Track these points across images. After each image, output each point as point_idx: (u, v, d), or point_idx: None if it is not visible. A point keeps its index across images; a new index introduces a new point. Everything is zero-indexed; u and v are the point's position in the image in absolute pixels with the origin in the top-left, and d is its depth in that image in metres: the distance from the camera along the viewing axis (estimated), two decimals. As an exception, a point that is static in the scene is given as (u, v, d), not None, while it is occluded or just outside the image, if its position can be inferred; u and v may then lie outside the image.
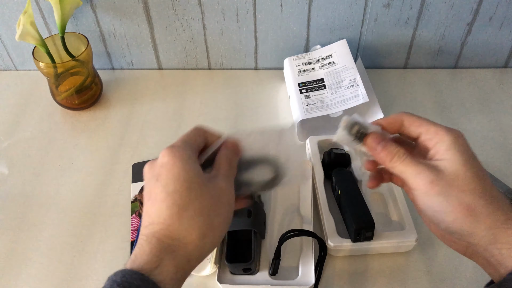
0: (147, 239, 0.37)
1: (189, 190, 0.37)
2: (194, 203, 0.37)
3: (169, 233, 0.36)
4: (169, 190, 0.37)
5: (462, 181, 0.38)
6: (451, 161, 0.38)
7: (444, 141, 0.39)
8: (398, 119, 0.43)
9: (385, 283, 0.55)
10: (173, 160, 0.38)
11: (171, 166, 0.38)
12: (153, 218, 0.38)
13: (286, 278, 0.54)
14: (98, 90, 0.79)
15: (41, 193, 0.66)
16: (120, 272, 0.35)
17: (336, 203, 0.60)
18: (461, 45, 0.80)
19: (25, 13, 0.68)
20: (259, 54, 0.83)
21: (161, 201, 0.37)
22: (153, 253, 0.36)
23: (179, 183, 0.37)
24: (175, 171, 0.38)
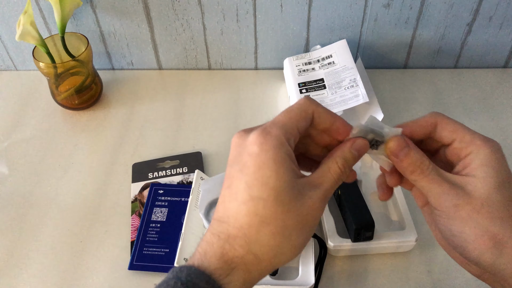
0: (220, 241, 0.33)
1: (276, 202, 0.32)
2: (278, 219, 0.32)
3: (245, 244, 0.32)
4: (254, 194, 0.32)
5: (492, 208, 0.33)
6: (483, 181, 0.34)
7: (479, 153, 0.35)
8: (430, 121, 0.37)
9: (385, 283, 0.55)
10: (265, 157, 0.32)
11: (261, 163, 0.32)
12: (229, 217, 0.33)
13: (286, 278, 0.54)
14: (98, 90, 0.79)
15: (41, 193, 0.66)
16: (186, 268, 0.32)
17: (336, 203, 0.60)
18: (461, 45, 0.80)
19: (25, 13, 0.68)
20: (259, 54, 0.83)
21: (242, 202, 0.32)
22: (223, 259, 0.33)
23: (267, 190, 0.32)
24: (265, 172, 0.32)
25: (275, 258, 0.33)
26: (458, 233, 0.34)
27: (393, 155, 0.36)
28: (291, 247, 0.33)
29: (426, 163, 0.35)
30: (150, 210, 0.63)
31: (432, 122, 0.37)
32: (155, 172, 0.68)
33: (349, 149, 0.35)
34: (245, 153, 0.33)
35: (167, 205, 0.63)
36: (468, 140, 0.35)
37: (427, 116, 0.37)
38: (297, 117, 0.34)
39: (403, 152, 0.36)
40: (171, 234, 0.60)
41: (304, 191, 0.33)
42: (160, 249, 0.58)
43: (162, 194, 0.64)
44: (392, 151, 0.36)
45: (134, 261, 0.57)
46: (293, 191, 0.32)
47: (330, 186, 0.34)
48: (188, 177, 0.67)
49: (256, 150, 0.32)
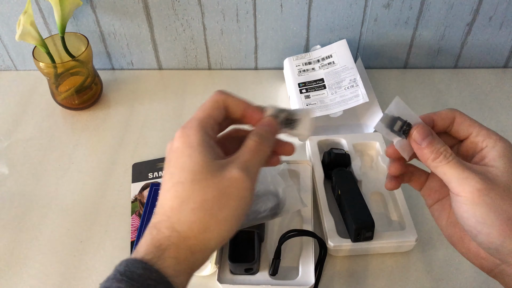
0: (149, 229, 0.36)
1: (193, 182, 0.35)
2: (196, 196, 0.35)
3: (170, 224, 0.35)
4: (174, 180, 0.35)
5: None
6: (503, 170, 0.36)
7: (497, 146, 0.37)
8: (449, 115, 0.40)
9: (385, 283, 0.55)
10: (182, 147, 0.36)
11: (180, 153, 0.36)
12: (158, 208, 0.36)
13: (286, 278, 0.54)
14: (98, 90, 0.79)
15: (41, 193, 0.66)
16: (124, 261, 0.34)
17: (336, 203, 0.60)
18: (461, 45, 0.80)
19: (25, 13, 0.68)
20: (259, 54, 0.83)
21: (166, 190, 0.36)
22: (153, 243, 0.35)
23: (184, 173, 0.35)
24: (182, 160, 0.36)
25: (200, 234, 0.35)
26: (482, 219, 0.35)
27: (417, 142, 0.38)
28: (215, 221, 0.35)
29: (448, 150, 0.37)
30: (150, 210, 0.62)
31: (451, 116, 0.39)
32: (155, 172, 0.68)
33: (259, 126, 0.39)
34: (171, 152, 0.37)
35: (167, 205, 0.63)
36: (485, 134, 0.38)
37: (445, 111, 0.40)
38: (209, 108, 0.38)
39: (427, 139, 0.38)
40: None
41: (222, 168, 0.36)
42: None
43: (162, 194, 0.64)
44: (416, 139, 0.38)
45: (134, 261, 0.57)
46: (209, 169, 0.35)
47: (248, 157, 0.37)
48: (188, 177, 0.67)
49: (176, 144, 0.36)
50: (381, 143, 0.65)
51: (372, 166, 0.65)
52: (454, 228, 0.41)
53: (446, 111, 0.40)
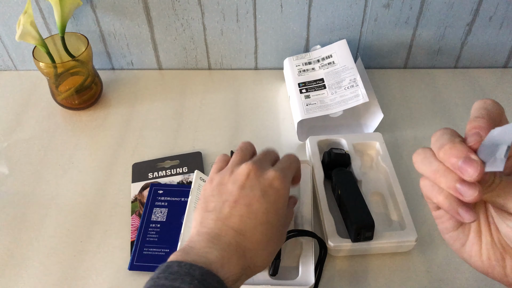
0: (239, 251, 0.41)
1: (278, 227, 0.44)
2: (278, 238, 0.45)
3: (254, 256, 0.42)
4: (270, 219, 0.43)
5: None
6: None
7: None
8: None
9: (385, 283, 0.55)
10: (282, 192, 0.44)
11: (279, 196, 0.44)
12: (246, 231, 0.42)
13: (286, 278, 0.54)
14: (98, 90, 0.79)
15: (41, 193, 0.66)
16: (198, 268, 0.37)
17: (336, 203, 0.60)
18: (461, 45, 0.80)
19: (25, 13, 0.68)
20: (259, 54, 0.83)
21: (260, 223, 0.42)
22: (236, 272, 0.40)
23: (277, 218, 0.44)
24: (280, 204, 0.44)
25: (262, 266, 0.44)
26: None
27: None
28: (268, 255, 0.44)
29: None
30: (150, 210, 0.63)
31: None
32: (155, 172, 0.68)
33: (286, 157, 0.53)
34: (266, 184, 0.44)
35: (167, 205, 0.63)
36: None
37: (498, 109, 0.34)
38: (294, 169, 0.49)
39: None
40: (171, 234, 0.60)
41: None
42: (160, 249, 0.58)
43: (161, 194, 0.64)
44: None
45: (135, 262, 0.57)
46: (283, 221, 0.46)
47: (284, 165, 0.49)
48: (188, 177, 0.67)
49: (278, 185, 0.44)
50: (381, 143, 0.65)
51: (372, 166, 0.65)
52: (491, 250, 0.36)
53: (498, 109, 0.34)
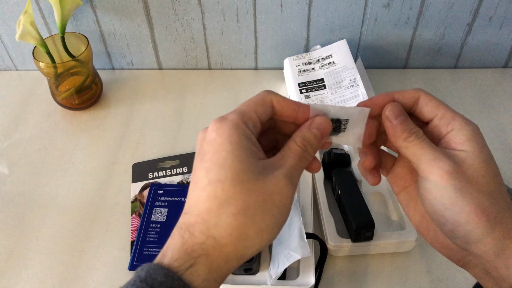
0: (181, 231, 0.32)
1: (234, 182, 0.31)
2: (238, 199, 0.31)
3: (205, 229, 0.31)
4: (212, 178, 0.31)
5: (482, 180, 0.33)
6: (472, 154, 0.33)
7: (464, 130, 0.34)
8: (414, 95, 0.36)
9: (385, 283, 0.55)
10: (221, 140, 0.32)
11: (217, 146, 0.32)
12: (190, 206, 0.33)
13: (286, 278, 0.54)
14: (98, 90, 0.79)
15: (41, 193, 0.66)
16: (146, 266, 0.32)
17: (336, 203, 0.60)
18: (461, 45, 0.80)
19: (25, 13, 0.68)
20: (259, 54, 0.83)
21: (201, 188, 0.32)
22: (184, 249, 0.32)
23: (224, 171, 0.31)
24: (221, 154, 0.31)
25: (239, 242, 0.31)
26: (450, 205, 0.33)
27: (389, 120, 0.36)
28: (257, 229, 0.31)
29: (420, 131, 0.35)
30: (150, 210, 0.63)
31: (415, 96, 0.36)
32: (155, 172, 0.68)
33: (308, 128, 0.35)
34: (205, 142, 0.33)
35: (166, 205, 0.63)
36: (450, 116, 0.35)
37: (410, 90, 0.37)
38: (254, 104, 0.35)
39: (400, 118, 0.36)
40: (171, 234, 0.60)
41: (266, 171, 0.32)
42: (160, 250, 0.58)
43: (161, 194, 0.64)
44: (389, 117, 0.36)
45: (135, 262, 0.57)
46: (253, 170, 0.32)
47: (293, 164, 0.33)
48: (188, 177, 0.67)
49: (213, 135, 0.32)
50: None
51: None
52: (421, 217, 0.39)
53: (411, 90, 0.37)
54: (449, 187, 0.33)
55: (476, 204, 0.32)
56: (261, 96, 0.35)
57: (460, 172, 0.33)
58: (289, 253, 0.51)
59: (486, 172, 0.33)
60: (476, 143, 0.34)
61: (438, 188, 0.33)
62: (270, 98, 0.35)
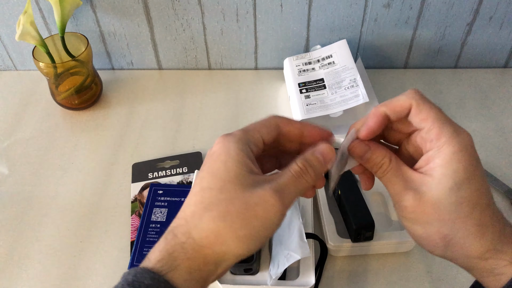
0: (166, 234, 0.34)
1: (221, 190, 0.33)
2: (220, 205, 0.32)
3: (187, 229, 0.33)
4: (203, 185, 0.34)
5: (444, 210, 0.34)
6: (439, 182, 0.34)
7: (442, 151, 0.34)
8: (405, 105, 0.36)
9: (385, 283, 0.55)
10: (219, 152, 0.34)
11: (216, 157, 0.34)
12: (180, 211, 0.35)
13: (286, 278, 0.54)
14: (98, 90, 0.79)
15: (41, 193, 0.66)
16: (133, 270, 0.33)
17: (336, 203, 0.60)
18: (461, 45, 0.80)
19: (25, 13, 0.68)
20: (259, 54, 0.83)
21: (193, 194, 0.34)
22: (166, 249, 0.33)
23: (215, 180, 0.33)
24: (216, 165, 0.34)
25: (216, 246, 0.32)
26: (415, 236, 0.37)
27: (358, 158, 0.38)
28: (234, 236, 0.32)
29: (386, 163, 0.37)
30: (150, 210, 0.63)
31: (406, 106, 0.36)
32: (155, 172, 0.68)
33: (311, 152, 0.36)
34: (207, 156, 0.36)
35: (166, 205, 0.63)
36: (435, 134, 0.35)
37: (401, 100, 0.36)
38: (259, 125, 0.37)
39: (366, 155, 0.38)
40: (171, 234, 0.60)
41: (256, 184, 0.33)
42: (160, 249, 0.58)
43: (161, 194, 0.64)
44: (356, 156, 0.38)
45: (135, 262, 0.57)
46: (241, 182, 0.33)
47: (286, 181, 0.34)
48: (188, 177, 0.67)
49: (215, 148, 0.35)
50: (381, 143, 0.65)
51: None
52: None
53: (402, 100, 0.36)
54: (408, 219, 0.36)
55: (434, 232, 0.35)
56: (267, 119, 0.38)
57: (419, 206, 0.35)
58: (289, 254, 0.51)
59: (451, 200, 0.34)
60: (450, 169, 0.34)
61: (404, 220, 0.37)
62: (275, 120, 0.38)
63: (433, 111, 0.35)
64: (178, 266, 0.32)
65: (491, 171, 0.66)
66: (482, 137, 0.71)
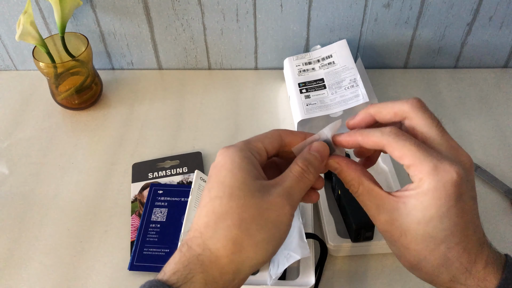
0: (181, 246, 0.34)
1: (231, 197, 0.33)
2: (233, 213, 0.33)
3: (202, 241, 0.33)
4: (212, 195, 0.34)
5: (411, 239, 0.34)
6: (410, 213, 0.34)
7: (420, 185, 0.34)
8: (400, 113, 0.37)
9: (385, 283, 0.55)
10: (223, 161, 0.35)
11: (220, 167, 0.35)
12: (193, 224, 0.35)
13: (286, 278, 0.54)
14: (98, 90, 0.79)
15: (41, 193, 0.66)
16: (148, 282, 0.33)
17: (336, 203, 0.60)
18: (461, 45, 0.80)
19: (25, 13, 0.68)
20: (259, 54, 0.83)
21: (203, 206, 0.34)
22: (181, 262, 0.33)
23: (222, 188, 0.34)
24: (222, 174, 0.34)
25: (234, 254, 0.33)
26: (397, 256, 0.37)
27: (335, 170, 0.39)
28: (251, 242, 0.33)
29: (354, 186, 0.37)
30: (150, 210, 0.63)
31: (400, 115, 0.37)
32: (155, 172, 0.68)
33: (308, 151, 0.37)
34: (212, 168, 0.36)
35: (166, 205, 0.63)
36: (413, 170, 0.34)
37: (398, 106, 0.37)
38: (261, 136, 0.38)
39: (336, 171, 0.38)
40: (171, 234, 0.60)
41: (264, 189, 0.34)
42: (160, 250, 0.58)
43: (161, 194, 0.64)
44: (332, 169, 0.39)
45: (135, 262, 0.57)
46: (249, 188, 0.33)
47: (291, 184, 0.35)
48: (188, 177, 0.67)
49: (219, 159, 0.36)
50: (381, 143, 0.65)
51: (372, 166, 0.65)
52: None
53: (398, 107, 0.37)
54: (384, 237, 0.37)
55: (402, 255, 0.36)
56: (269, 131, 0.39)
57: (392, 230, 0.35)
58: (288, 254, 0.51)
59: (417, 233, 0.34)
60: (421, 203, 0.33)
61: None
62: (277, 132, 0.39)
63: (407, 149, 0.34)
64: (193, 278, 0.32)
65: (491, 171, 0.66)
66: (482, 137, 0.71)
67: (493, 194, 0.64)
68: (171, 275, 0.33)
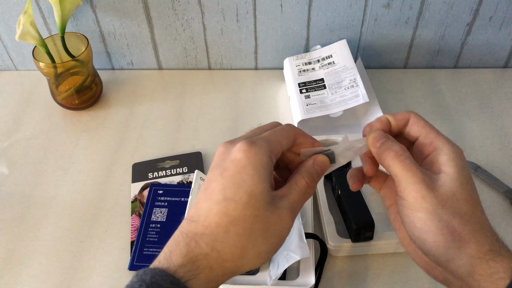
0: (187, 238, 0.34)
1: (247, 205, 0.33)
2: (246, 221, 0.33)
3: (211, 241, 0.33)
4: (228, 195, 0.34)
5: (456, 203, 0.35)
6: (449, 177, 0.35)
7: (446, 150, 0.36)
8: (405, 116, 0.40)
9: (385, 283, 0.55)
10: (246, 162, 0.34)
11: (241, 168, 0.34)
12: (199, 216, 0.34)
13: (286, 278, 0.54)
14: (98, 90, 0.79)
15: (41, 193, 0.66)
16: (149, 271, 0.33)
17: (336, 203, 0.60)
18: (461, 45, 0.80)
19: (25, 13, 0.68)
20: (259, 54, 0.83)
21: (215, 202, 0.34)
22: (189, 257, 0.33)
23: (241, 192, 0.33)
24: (242, 176, 0.34)
25: (238, 261, 0.34)
26: (420, 225, 0.35)
27: (373, 146, 0.39)
28: (255, 253, 0.34)
29: (405, 151, 0.37)
30: (150, 210, 0.63)
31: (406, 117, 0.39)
32: (155, 172, 0.68)
33: (312, 165, 0.38)
34: (228, 159, 0.35)
35: (166, 205, 0.63)
36: (433, 136, 0.37)
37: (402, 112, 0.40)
38: (281, 136, 0.37)
39: (380, 141, 0.38)
40: (171, 234, 0.59)
41: (275, 201, 0.35)
42: (160, 250, 0.58)
43: (161, 194, 0.64)
44: (371, 144, 0.39)
45: (135, 262, 0.57)
46: (264, 199, 0.34)
47: (298, 198, 0.36)
48: (188, 177, 0.67)
49: (240, 156, 0.34)
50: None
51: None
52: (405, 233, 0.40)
53: (403, 112, 0.40)
54: (421, 210, 0.35)
55: (445, 225, 0.34)
56: (287, 130, 0.38)
57: (433, 197, 0.35)
58: (288, 254, 0.51)
59: (461, 196, 0.35)
60: (455, 165, 0.36)
61: (412, 209, 0.36)
62: (293, 132, 0.38)
63: (429, 123, 0.39)
64: (199, 275, 0.33)
65: (491, 171, 0.66)
66: (482, 137, 0.71)
67: (493, 194, 0.64)
68: (178, 267, 0.33)
